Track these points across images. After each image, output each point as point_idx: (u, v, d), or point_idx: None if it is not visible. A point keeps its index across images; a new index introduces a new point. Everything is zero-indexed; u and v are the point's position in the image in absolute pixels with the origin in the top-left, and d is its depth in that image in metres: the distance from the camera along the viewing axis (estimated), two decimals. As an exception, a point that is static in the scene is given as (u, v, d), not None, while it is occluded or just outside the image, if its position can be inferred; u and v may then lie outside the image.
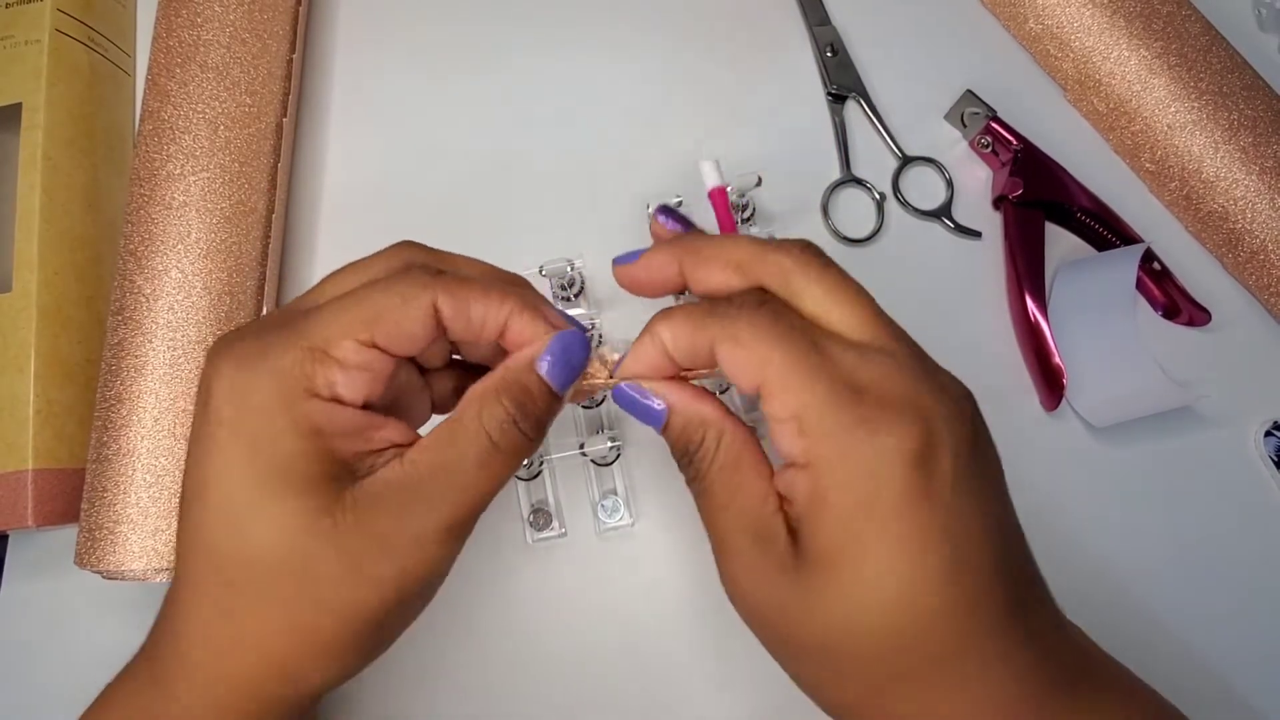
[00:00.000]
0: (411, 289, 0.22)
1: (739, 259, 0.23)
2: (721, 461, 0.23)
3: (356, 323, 0.22)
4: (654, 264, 0.25)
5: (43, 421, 0.35)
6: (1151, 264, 0.39)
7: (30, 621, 0.37)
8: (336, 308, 0.22)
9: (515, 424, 0.23)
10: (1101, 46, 0.40)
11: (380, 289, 0.22)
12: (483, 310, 0.23)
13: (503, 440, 0.23)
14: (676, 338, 0.23)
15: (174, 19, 0.38)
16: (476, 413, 0.23)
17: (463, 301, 0.23)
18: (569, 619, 0.36)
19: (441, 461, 0.22)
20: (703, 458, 0.23)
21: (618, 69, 0.44)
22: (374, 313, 0.22)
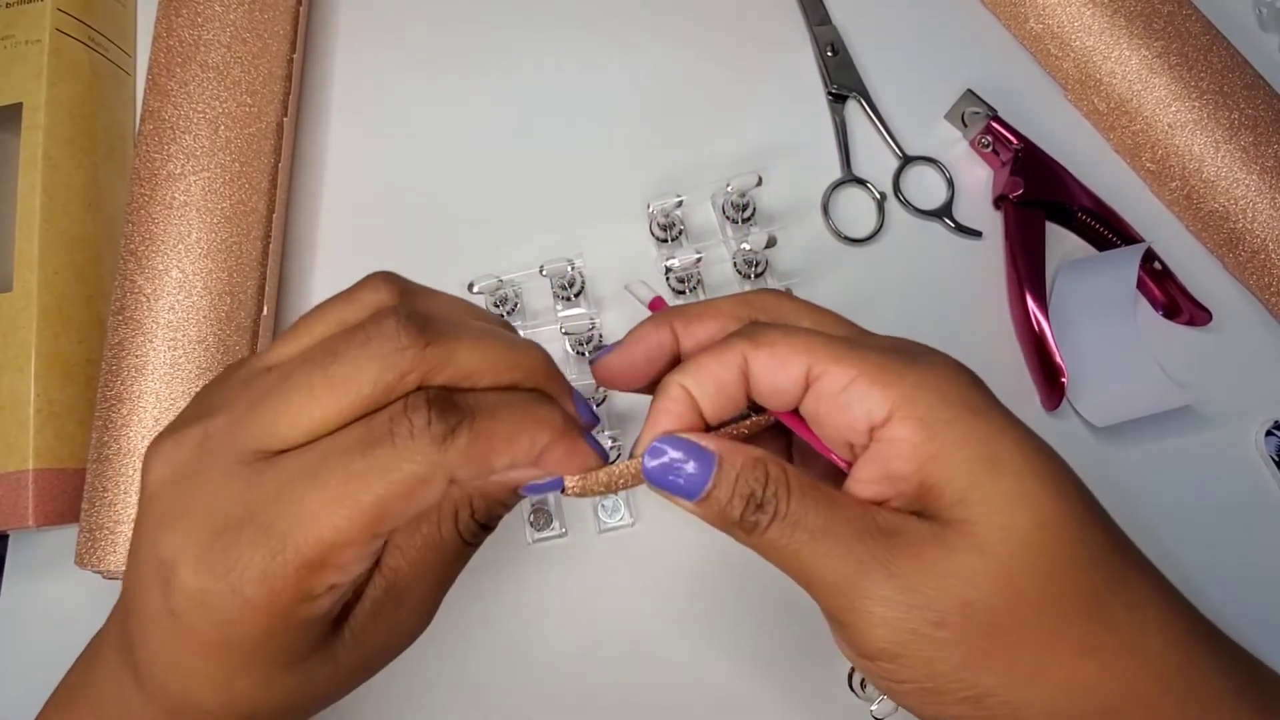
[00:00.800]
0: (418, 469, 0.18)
1: (728, 308, 0.24)
2: (799, 484, 0.21)
3: (356, 528, 0.18)
4: (644, 336, 0.24)
5: (43, 421, 0.35)
6: (1152, 264, 0.39)
7: (30, 621, 0.37)
8: (325, 503, 0.18)
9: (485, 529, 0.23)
10: (1102, 46, 0.40)
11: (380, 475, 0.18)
12: (509, 461, 0.20)
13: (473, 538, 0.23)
14: (700, 378, 0.22)
15: (174, 19, 0.38)
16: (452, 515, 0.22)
17: (485, 463, 0.19)
18: (569, 619, 0.36)
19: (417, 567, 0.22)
20: (777, 491, 0.21)
21: (618, 68, 0.44)
22: (377, 514, 0.18)
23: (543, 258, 0.37)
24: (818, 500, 0.21)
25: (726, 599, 0.36)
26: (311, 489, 0.18)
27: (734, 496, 0.21)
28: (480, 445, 0.19)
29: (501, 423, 0.20)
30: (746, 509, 0.21)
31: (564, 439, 0.21)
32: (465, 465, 0.19)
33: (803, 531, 0.20)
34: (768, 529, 0.21)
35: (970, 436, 0.20)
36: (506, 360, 0.21)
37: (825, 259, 0.41)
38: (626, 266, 0.40)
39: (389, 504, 0.18)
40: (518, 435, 0.20)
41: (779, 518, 0.21)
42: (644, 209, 0.40)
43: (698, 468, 0.21)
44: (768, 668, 0.35)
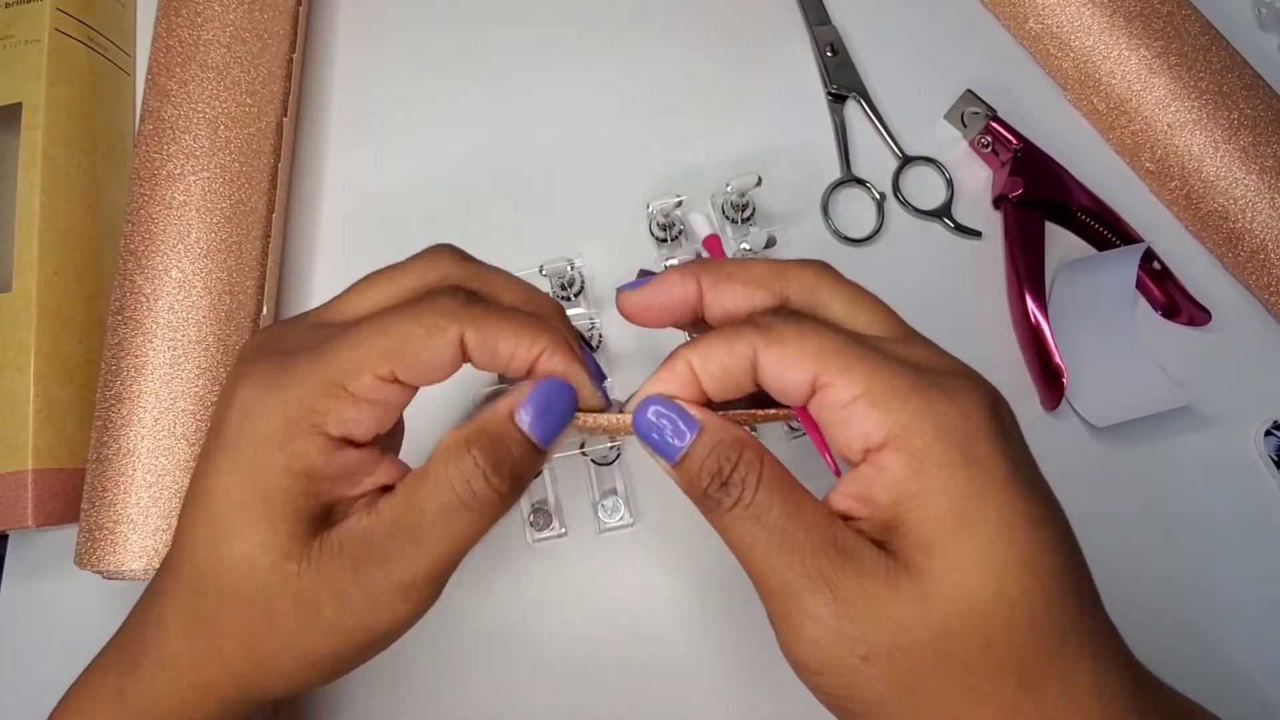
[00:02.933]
0: (440, 320, 0.21)
1: (760, 275, 0.23)
2: (771, 478, 0.21)
3: (379, 355, 0.21)
4: (669, 284, 0.23)
5: (43, 421, 0.35)
6: (1151, 263, 0.39)
7: (30, 621, 0.37)
8: (360, 336, 0.21)
9: (485, 479, 0.21)
10: (1101, 46, 0.40)
11: (408, 317, 0.21)
12: (511, 348, 0.22)
13: (471, 497, 0.21)
14: (707, 360, 0.22)
15: (174, 18, 0.38)
16: (444, 465, 0.21)
17: (491, 338, 0.22)
18: (569, 619, 0.36)
19: (402, 518, 0.21)
20: (746, 476, 0.21)
21: (618, 68, 0.44)
22: (398, 345, 0.21)
23: (542, 258, 0.37)
24: (785, 499, 0.21)
25: (726, 599, 0.36)
26: (353, 332, 0.21)
27: (703, 468, 0.21)
28: (492, 321, 0.22)
29: (513, 316, 0.22)
30: (711, 483, 0.21)
31: (563, 349, 0.22)
32: (475, 329, 0.21)
33: (760, 526, 0.21)
34: (729, 511, 0.21)
35: (955, 486, 0.19)
36: (531, 299, 0.24)
37: (824, 258, 0.40)
38: (626, 267, 0.40)
39: (406, 341, 0.21)
40: (523, 330, 0.22)
41: (741, 504, 0.21)
42: (643, 209, 0.40)
43: (680, 430, 0.22)
44: (767, 668, 0.35)
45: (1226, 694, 0.35)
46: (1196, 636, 0.35)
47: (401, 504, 0.21)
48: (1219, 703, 0.35)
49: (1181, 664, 0.34)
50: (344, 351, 0.21)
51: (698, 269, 0.23)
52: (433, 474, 0.21)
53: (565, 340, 0.23)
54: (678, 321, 0.24)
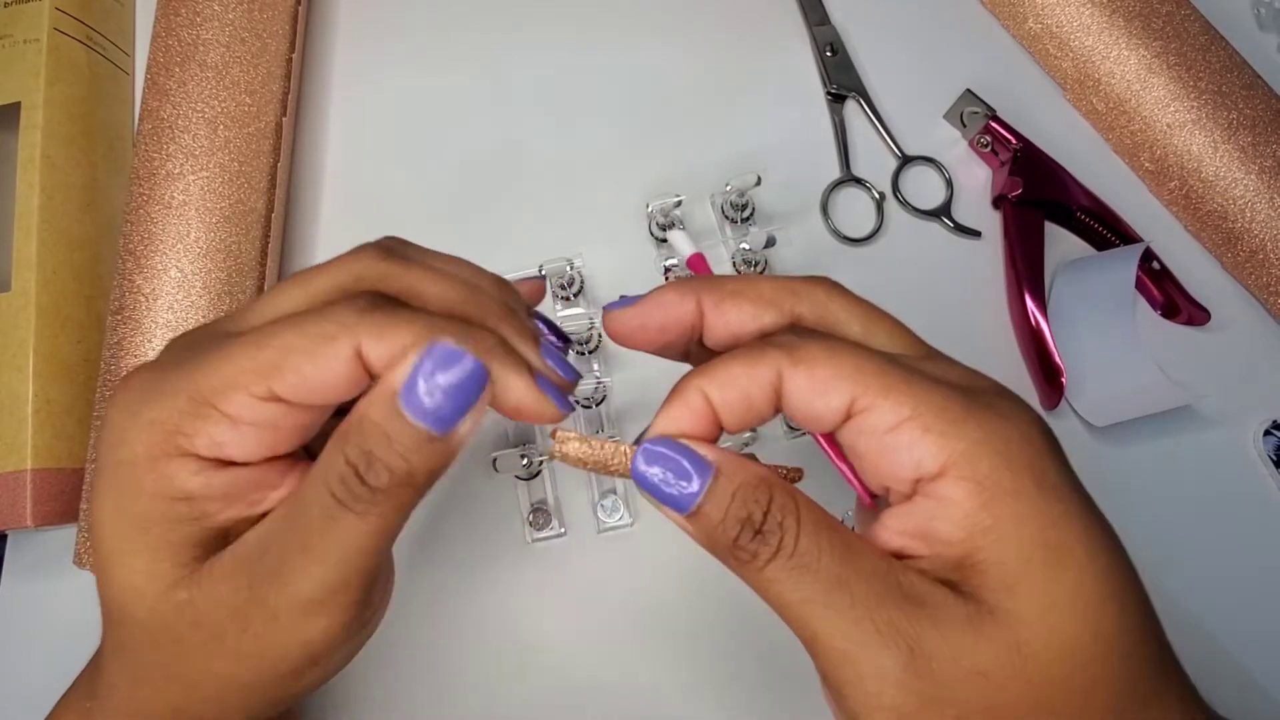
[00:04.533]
0: (329, 328, 0.18)
1: (769, 293, 0.21)
2: (813, 520, 0.18)
3: (252, 372, 0.18)
4: (665, 303, 0.21)
5: (41, 421, 0.35)
6: (1151, 263, 0.39)
7: (29, 621, 0.37)
8: (233, 350, 0.18)
9: (359, 477, 0.18)
10: (1101, 46, 0.40)
11: (290, 327, 0.18)
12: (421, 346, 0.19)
13: (350, 498, 0.18)
14: (725, 388, 0.19)
15: (173, 18, 0.38)
16: (320, 463, 0.19)
17: (397, 347, 0.18)
18: (568, 618, 0.36)
19: (290, 527, 0.19)
20: (784, 520, 0.18)
21: (618, 68, 0.44)
22: (276, 359, 0.18)
23: (542, 257, 0.37)
24: (833, 542, 0.18)
25: (726, 600, 0.36)
26: (229, 344, 0.19)
27: (728, 516, 0.18)
28: (397, 325, 0.18)
29: (428, 319, 0.19)
30: (742, 534, 0.18)
31: (490, 349, 0.19)
32: (374, 336, 0.18)
33: (811, 577, 0.18)
34: (768, 565, 0.18)
35: (1033, 515, 0.17)
36: (459, 294, 0.20)
37: (824, 259, 0.41)
38: (625, 267, 0.40)
39: (285, 355, 0.18)
40: (441, 334, 0.18)
41: (783, 553, 0.18)
42: (643, 209, 0.40)
43: (691, 476, 0.19)
44: (767, 669, 0.35)
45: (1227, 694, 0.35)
46: (1195, 636, 0.35)
47: (288, 512, 0.19)
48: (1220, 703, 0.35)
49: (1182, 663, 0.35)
50: (213, 367, 0.18)
51: (698, 286, 0.21)
52: (312, 475, 0.19)
53: (495, 343, 0.19)
54: (671, 344, 0.22)
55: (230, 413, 0.18)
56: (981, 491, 0.17)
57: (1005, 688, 0.17)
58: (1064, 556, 0.17)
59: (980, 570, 0.17)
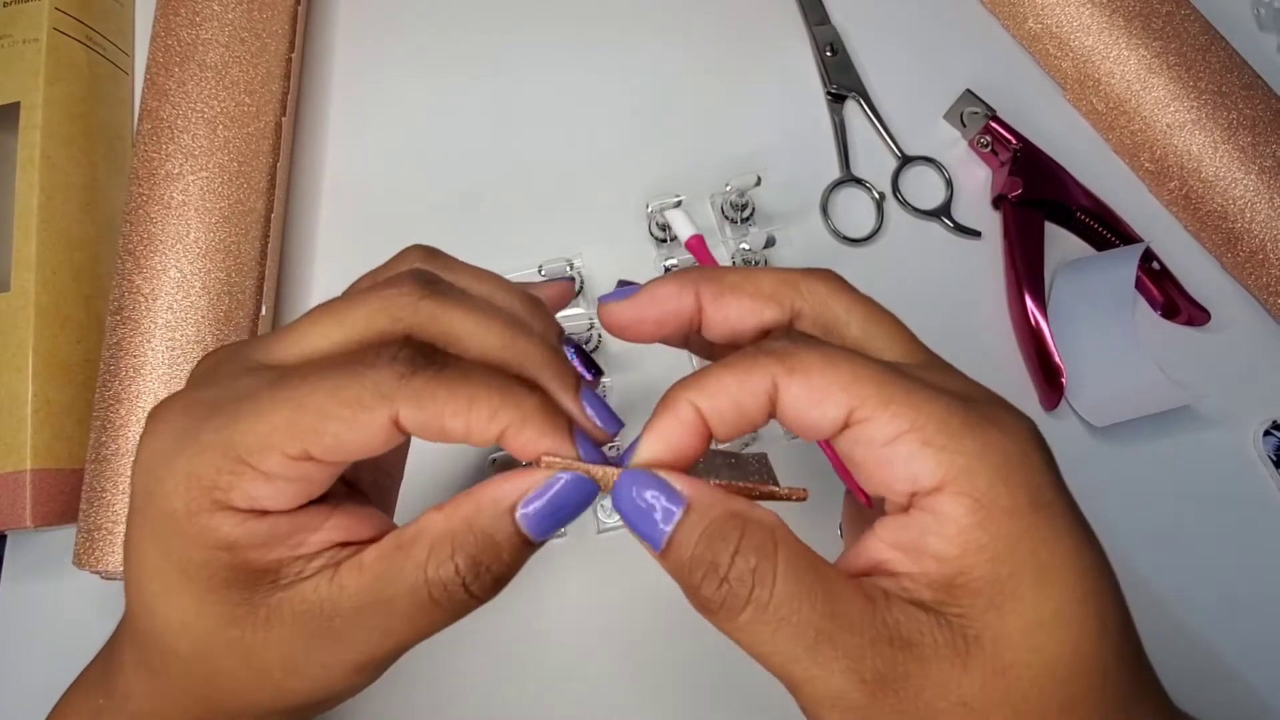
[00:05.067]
0: (367, 395, 0.18)
1: (769, 288, 0.20)
2: (791, 563, 0.17)
3: (287, 433, 0.18)
4: (662, 295, 0.21)
5: (41, 421, 0.34)
6: (1150, 263, 0.39)
7: (28, 622, 0.37)
8: (268, 407, 0.18)
9: (465, 588, 0.18)
10: (1101, 46, 0.40)
11: (327, 391, 0.18)
12: (463, 426, 0.18)
13: (446, 599, 0.19)
14: (715, 398, 0.18)
15: (172, 18, 0.38)
16: (423, 560, 0.18)
17: (435, 416, 0.18)
18: (568, 619, 0.36)
19: (370, 601, 0.19)
20: (757, 566, 0.17)
21: (618, 68, 0.44)
22: (313, 423, 0.18)
23: (542, 257, 0.37)
24: (815, 591, 0.17)
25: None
26: (272, 392, 0.18)
27: (692, 559, 0.18)
28: (436, 393, 0.18)
29: (467, 383, 0.18)
30: (704, 581, 0.17)
31: (537, 421, 0.18)
32: (413, 405, 0.18)
33: (790, 631, 0.17)
34: (740, 613, 0.17)
35: (1026, 534, 0.17)
36: (499, 338, 0.20)
37: (824, 259, 0.41)
38: (625, 267, 0.40)
39: (322, 420, 0.18)
40: (479, 400, 0.18)
41: (754, 604, 0.17)
42: (643, 209, 0.40)
43: (664, 511, 0.18)
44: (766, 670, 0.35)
45: (1224, 694, 0.35)
46: (1194, 636, 0.35)
47: (371, 586, 0.19)
48: (1217, 703, 0.35)
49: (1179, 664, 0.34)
50: (249, 424, 0.18)
51: (696, 279, 0.21)
52: (409, 567, 0.18)
53: (539, 408, 0.19)
54: (669, 336, 0.22)
55: (265, 470, 0.18)
56: (978, 509, 0.17)
57: (989, 715, 0.17)
58: (1052, 576, 0.17)
59: (969, 589, 0.17)
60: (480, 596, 0.19)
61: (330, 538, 0.19)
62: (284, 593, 0.19)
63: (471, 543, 0.18)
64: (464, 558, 0.18)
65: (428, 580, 0.18)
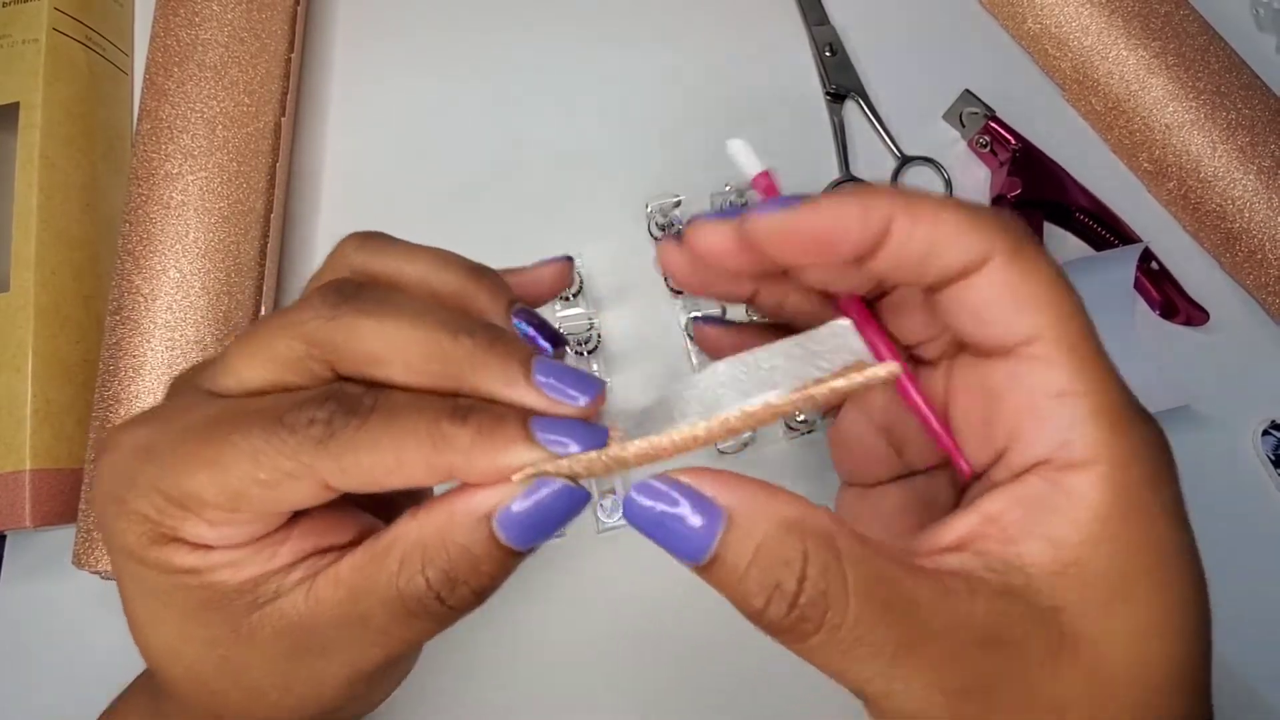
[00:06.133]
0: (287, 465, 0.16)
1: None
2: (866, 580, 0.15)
3: (217, 493, 0.17)
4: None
5: (40, 421, 0.35)
6: (1149, 264, 0.39)
7: (28, 622, 0.37)
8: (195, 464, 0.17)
9: (440, 601, 0.17)
10: (1100, 46, 0.40)
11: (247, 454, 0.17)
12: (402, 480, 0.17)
13: (423, 612, 0.18)
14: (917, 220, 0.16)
15: (172, 18, 0.38)
16: (394, 573, 0.17)
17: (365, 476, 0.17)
18: (567, 619, 0.36)
19: (347, 613, 0.18)
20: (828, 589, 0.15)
21: (617, 68, 0.44)
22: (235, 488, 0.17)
23: (541, 257, 0.37)
24: (889, 605, 0.15)
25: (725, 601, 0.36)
26: (202, 444, 0.17)
27: (748, 582, 0.16)
28: (358, 455, 0.16)
29: (392, 432, 0.17)
30: (770, 605, 0.16)
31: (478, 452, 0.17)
32: (337, 471, 0.17)
33: (867, 651, 0.15)
34: (812, 637, 0.15)
35: (1152, 537, 0.16)
36: (424, 347, 0.17)
37: (823, 259, 0.41)
38: (625, 267, 0.40)
39: (251, 488, 0.17)
40: (408, 451, 0.17)
41: (827, 628, 0.15)
42: (642, 209, 0.40)
43: (694, 524, 0.16)
44: (767, 670, 0.35)
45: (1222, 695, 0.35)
46: (1194, 636, 0.35)
47: (346, 598, 0.18)
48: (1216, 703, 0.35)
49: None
50: (178, 477, 0.17)
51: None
52: (382, 580, 0.17)
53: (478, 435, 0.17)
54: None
55: (205, 518, 0.17)
56: (1120, 501, 0.16)
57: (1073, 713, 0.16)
58: (1163, 583, 0.16)
59: (1081, 582, 0.16)
60: (459, 609, 0.18)
61: (302, 546, 0.18)
62: (262, 611, 0.18)
63: (444, 557, 0.17)
64: (435, 572, 0.17)
65: (400, 594, 0.17)
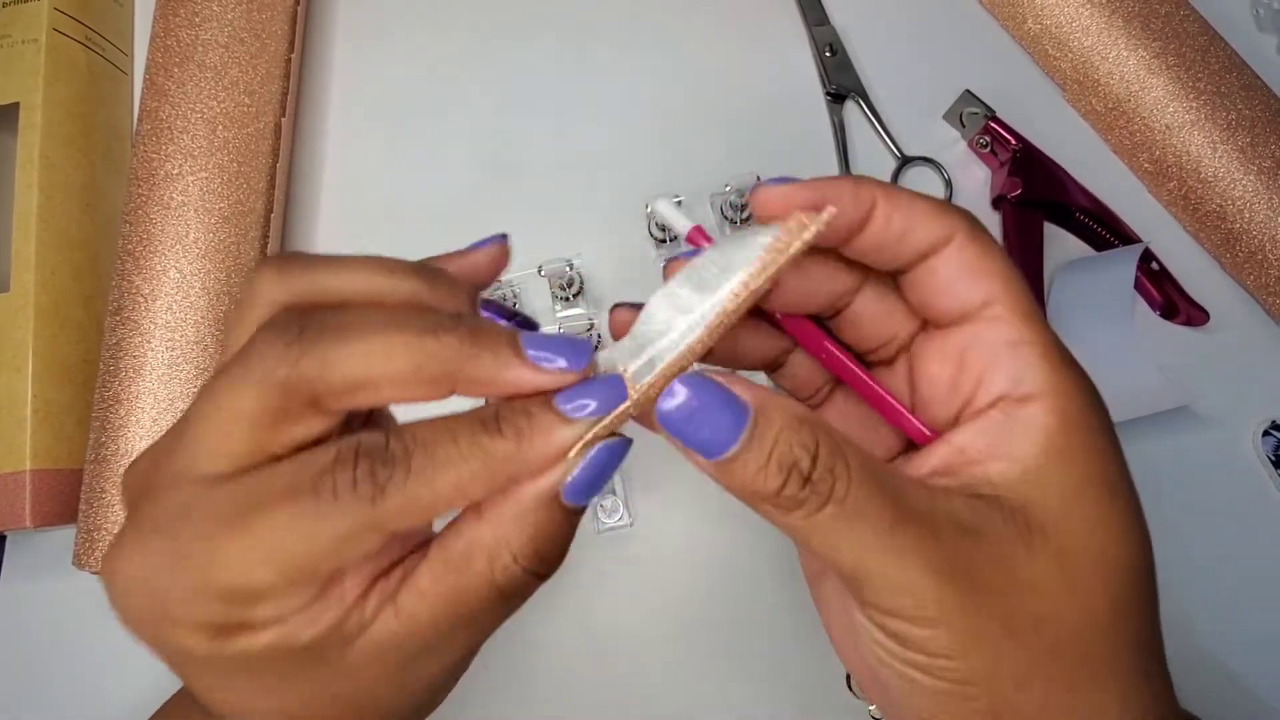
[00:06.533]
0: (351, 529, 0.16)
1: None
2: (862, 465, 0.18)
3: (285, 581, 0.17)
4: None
5: (40, 422, 0.35)
6: (1150, 264, 0.39)
7: (28, 622, 0.37)
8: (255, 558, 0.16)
9: (536, 575, 0.18)
10: (1100, 46, 0.40)
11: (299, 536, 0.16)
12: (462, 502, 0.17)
13: (516, 590, 0.18)
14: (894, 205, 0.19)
15: (172, 18, 0.38)
16: (485, 570, 0.18)
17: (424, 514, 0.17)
18: (567, 619, 0.36)
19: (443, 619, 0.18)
20: (835, 466, 0.17)
21: (617, 68, 0.44)
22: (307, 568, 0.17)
23: (541, 258, 0.37)
24: (884, 485, 0.17)
25: (725, 600, 0.36)
26: (235, 536, 0.16)
27: (769, 464, 0.17)
28: (419, 498, 0.17)
29: (440, 466, 0.17)
30: (787, 483, 0.17)
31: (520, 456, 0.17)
32: (401, 519, 0.17)
33: (864, 525, 0.17)
34: (817, 513, 0.17)
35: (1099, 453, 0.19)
36: (407, 360, 0.17)
37: (824, 259, 0.41)
38: (625, 267, 0.40)
39: (313, 563, 0.16)
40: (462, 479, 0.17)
41: (834, 501, 0.17)
42: (642, 209, 0.40)
43: (724, 418, 0.17)
44: (766, 669, 0.35)
45: (1223, 694, 0.35)
46: (1193, 636, 0.35)
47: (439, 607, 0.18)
48: (1216, 703, 0.35)
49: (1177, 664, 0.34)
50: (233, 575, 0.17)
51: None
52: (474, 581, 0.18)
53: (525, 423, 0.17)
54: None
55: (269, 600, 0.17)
56: (1066, 420, 0.19)
57: (1053, 597, 0.18)
58: (1116, 491, 0.19)
59: (1041, 485, 0.18)
60: (550, 574, 0.19)
61: (362, 576, 0.18)
62: (355, 646, 0.18)
63: (529, 541, 0.18)
64: (525, 557, 0.18)
65: (497, 585, 0.18)
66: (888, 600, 0.18)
